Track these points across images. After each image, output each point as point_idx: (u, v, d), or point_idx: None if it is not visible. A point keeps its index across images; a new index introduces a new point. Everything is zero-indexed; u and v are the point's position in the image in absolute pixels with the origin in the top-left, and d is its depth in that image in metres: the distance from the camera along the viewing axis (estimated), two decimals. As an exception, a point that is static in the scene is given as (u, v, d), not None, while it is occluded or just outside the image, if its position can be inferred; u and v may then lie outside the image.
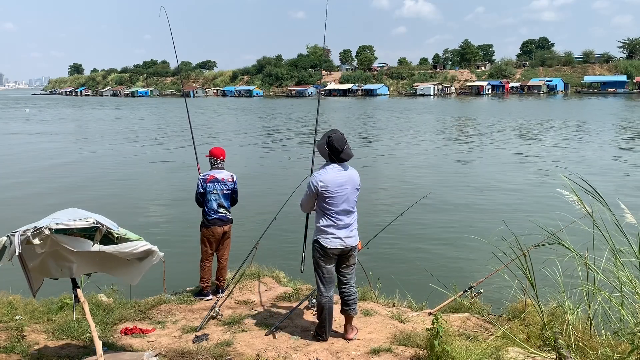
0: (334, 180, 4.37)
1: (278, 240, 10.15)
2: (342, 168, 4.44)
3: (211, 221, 5.88)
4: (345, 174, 4.43)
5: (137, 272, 4.24)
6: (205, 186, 5.85)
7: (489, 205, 14.02)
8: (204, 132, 36.62)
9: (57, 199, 14.87)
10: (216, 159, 5.97)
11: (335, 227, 4.43)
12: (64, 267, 4.03)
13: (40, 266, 3.95)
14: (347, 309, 4.62)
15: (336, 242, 4.43)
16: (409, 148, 27.11)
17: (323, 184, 4.34)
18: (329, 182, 4.35)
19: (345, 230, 4.47)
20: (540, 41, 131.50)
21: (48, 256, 3.91)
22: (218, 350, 4.50)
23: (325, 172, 4.40)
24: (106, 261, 4.13)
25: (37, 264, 3.92)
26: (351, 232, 4.52)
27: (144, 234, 4.28)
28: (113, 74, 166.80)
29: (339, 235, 4.43)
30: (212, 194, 5.85)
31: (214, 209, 5.87)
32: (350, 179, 4.45)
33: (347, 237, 4.48)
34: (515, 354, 4.06)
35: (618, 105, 63.65)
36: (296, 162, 22.25)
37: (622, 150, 24.55)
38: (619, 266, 4.04)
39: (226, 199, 5.94)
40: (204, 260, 6.05)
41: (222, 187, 5.90)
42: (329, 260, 4.50)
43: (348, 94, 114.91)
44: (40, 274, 4.04)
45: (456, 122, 43.96)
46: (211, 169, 5.99)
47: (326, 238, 4.42)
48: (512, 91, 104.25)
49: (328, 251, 4.44)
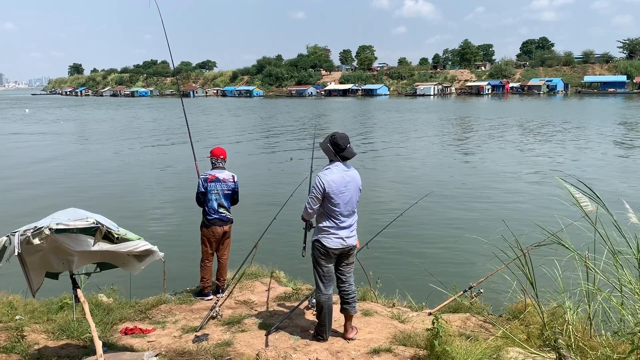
0: (340, 180, 4.38)
1: (278, 240, 10.15)
2: (346, 168, 4.46)
3: (211, 221, 5.89)
4: (349, 174, 4.46)
5: (137, 265, 4.26)
6: (206, 185, 5.86)
7: (489, 205, 14.02)
8: (204, 132, 36.64)
9: (57, 199, 14.88)
10: (217, 159, 5.98)
11: (337, 228, 4.45)
12: (65, 261, 4.05)
13: (42, 260, 3.96)
14: (347, 307, 4.63)
15: (338, 242, 4.45)
16: (409, 148, 27.10)
17: (329, 184, 4.34)
18: (335, 181, 4.36)
19: (347, 231, 4.49)
20: (540, 41, 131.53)
21: (49, 250, 3.93)
22: (218, 350, 4.51)
23: (331, 172, 4.41)
24: (107, 254, 4.14)
25: (37, 258, 3.93)
26: (352, 232, 4.55)
27: (144, 234, 4.28)
28: (113, 74, 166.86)
29: (340, 235, 4.45)
30: (213, 194, 5.86)
31: (215, 208, 5.87)
32: (354, 179, 4.49)
33: (348, 237, 4.51)
34: (515, 354, 4.06)
35: (618, 105, 63.66)
36: (296, 162, 22.25)
37: (623, 151, 24.55)
38: (619, 266, 4.04)
39: (227, 199, 5.94)
40: (204, 260, 6.05)
41: (223, 187, 5.90)
42: (329, 259, 4.52)
43: (348, 94, 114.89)
44: (42, 268, 4.05)
45: (456, 122, 43.96)
46: (212, 169, 5.99)
47: (328, 238, 4.44)
48: (512, 91, 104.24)
49: (329, 251, 4.46)
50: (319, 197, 4.38)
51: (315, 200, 4.41)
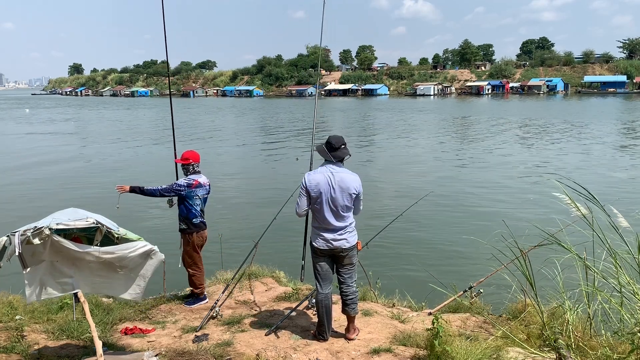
0: (323, 180, 4.41)
1: (278, 240, 10.15)
2: (337, 169, 4.45)
3: (198, 225, 5.79)
4: (339, 175, 4.43)
5: (135, 285, 4.17)
6: (189, 192, 5.68)
7: (489, 205, 14.02)
8: (204, 132, 36.64)
9: (57, 199, 14.89)
10: (197, 164, 5.85)
11: (322, 229, 4.49)
12: (64, 284, 3.94)
13: (40, 286, 3.86)
14: (347, 308, 4.64)
15: (322, 243, 4.49)
16: (409, 148, 27.11)
17: (310, 183, 4.41)
18: (318, 181, 4.41)
19: (333, 233, 4.47)
20: (540, 41, 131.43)
21: (46, 274, 3.84)
22: (218, 350, 4.51)
23: (315, 172, 4.49)
24: (104, 272, 4.05)
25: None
26: (341, 235, 4.48)
27: (144, 234, 4.29)
28: (113, 74, 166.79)
29: (325, 237, 4.47)
30: (196, 199, 5.75)
31: (199, 213, 5.81)
32: (343, 182, 4.41)
33: (335, 239, 4.47)
34: (515, 354, 4.06)
35: (618, 105, 63.65)
36: (297, 162, 22.24)
37: (622, 151, 24.55)
38: (618, 267, 4.04)
39: (204, 203, 5.91)
40: (198, 265, 5.89)
41: (204, 192, 5.84)
42: (321, 258, 4.57)
43: (348, 94, 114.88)
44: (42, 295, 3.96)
45: (456, 122, 43.96)
46: (192, 174, 5.80)
47: (315, 238, 4.55)
48: (512, 91, 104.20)
49: (318, 251, 4.55)
50: (304, 195, 4.46)
51: (301, 198, 4.48)
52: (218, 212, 12.80)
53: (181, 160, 5.85)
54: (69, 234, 3.94)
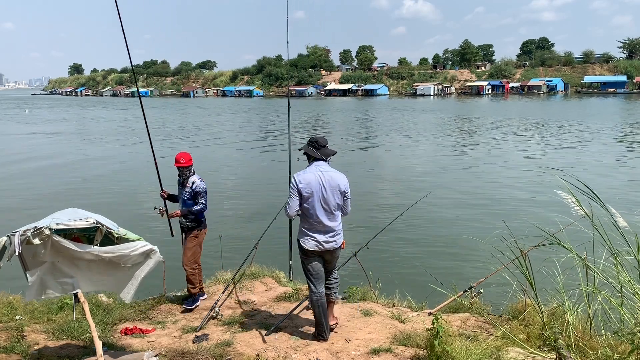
0: (314, 179, 4.43)
1: (278, 240, 10.13)
2: (326, 168, 4.49)
3: (205, 221, 5.98)
4: (329, 175, 4.47)
5: (130, 285, 4.17)
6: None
7: (489, 205, 14.02)
8: (204, 132, 36.63)
9: (56, 199, 14.88)
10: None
11: (313, 230, 4.49)
12: (65, 284, 3.96)
13: (40, 285, 3.89)
14: (328, 292, 4.72)
15: (313, 245, 4.50)
16: (409, 148, 27.10)
17: (301, 182, 4.43)
18: (309, 181, 4.42)
19: (324, 235, 4.50)
20: (540, 41, 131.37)
21: (47, 273, 3.86)
22: (218, 350, 4.51)
23: (304, 172, 4.51)
24: (105, 270, 4.07)
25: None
26: (332, 237, 4.53)
27: (143, 234, 4.29)
28: (113, 74, 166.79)
29: (317, 239, 4.49)
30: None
31: None
32: (333, 180, 4.47)
33: (326, 241, 4.51)
34: (515, 354, 4.06)
35: (618, 105, 63.65)
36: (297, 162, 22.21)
37: (622, 151, 24.54)
38: (618, 266, 4.04)
39: None
40: (199, 262, 5.95)
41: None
42: (312, 259, 4.58)
43: (348, 94, 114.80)
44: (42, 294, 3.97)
45: (456, 122, 43.95)
46: (192, 174, 5.96)
47: (305, 239, 4.52)
48: (512, 91, 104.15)
49: (308, 252, 4.55)
50: (295, 195, 4.47)
51: (292, 198, 4.48)
52: (218, 213, 12.80)
53: (186, 163, 5.89)
54: (69, 234, 3.94)
